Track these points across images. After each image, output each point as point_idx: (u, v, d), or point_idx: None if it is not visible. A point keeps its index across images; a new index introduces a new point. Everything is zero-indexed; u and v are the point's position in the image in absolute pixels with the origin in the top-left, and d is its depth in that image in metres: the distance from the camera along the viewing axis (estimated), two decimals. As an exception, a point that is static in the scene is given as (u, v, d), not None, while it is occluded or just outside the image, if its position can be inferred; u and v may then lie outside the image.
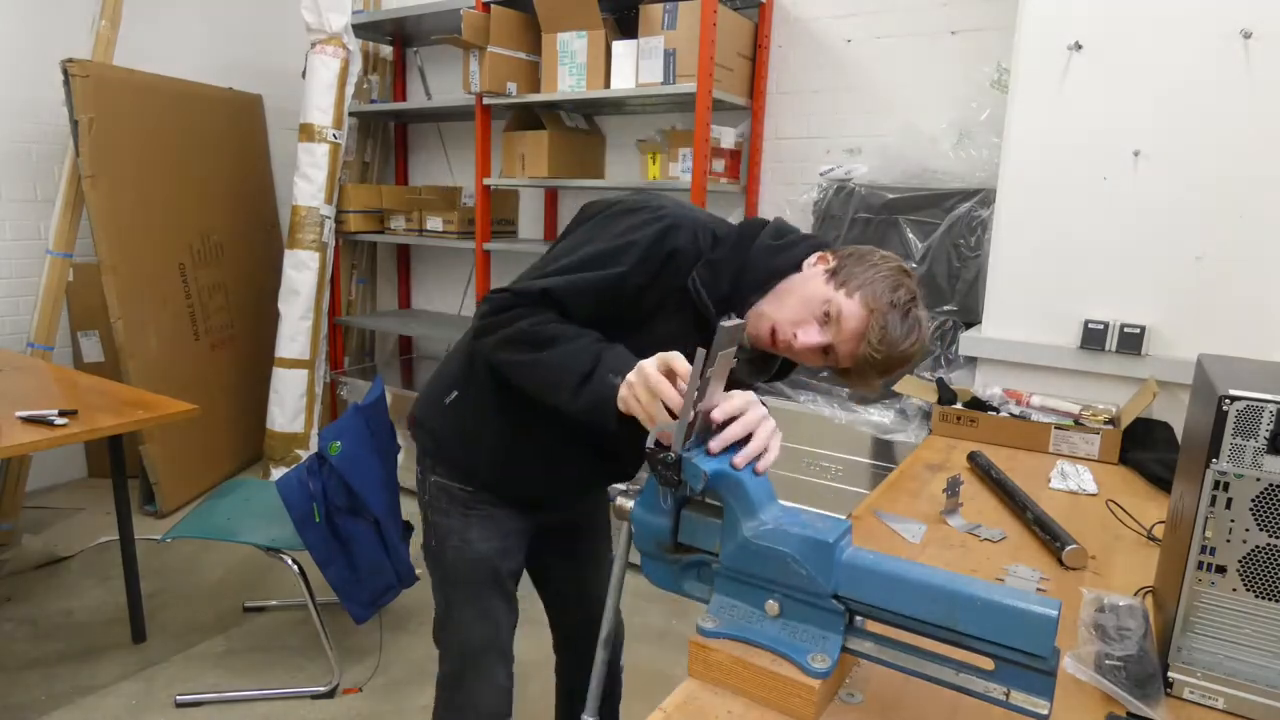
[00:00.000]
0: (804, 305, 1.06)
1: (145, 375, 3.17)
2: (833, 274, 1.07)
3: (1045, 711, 0.68)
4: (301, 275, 3.55)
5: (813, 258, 1.11)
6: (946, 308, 2.44)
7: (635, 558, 0.94)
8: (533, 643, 1.75)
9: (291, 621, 2.57)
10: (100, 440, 2.15)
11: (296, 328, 3.57)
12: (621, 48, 2.86)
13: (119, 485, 2.31)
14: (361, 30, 3.67)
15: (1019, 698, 0.70)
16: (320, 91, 3.48)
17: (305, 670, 2.32)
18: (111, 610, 2.54)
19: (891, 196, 2.51)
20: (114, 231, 3.12)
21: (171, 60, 3.57)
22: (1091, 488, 1.51)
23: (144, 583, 2.45)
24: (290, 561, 2.19)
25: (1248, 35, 1.70)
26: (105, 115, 3.07)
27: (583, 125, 3.37)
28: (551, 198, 3.69)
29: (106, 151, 3.08)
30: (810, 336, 1.06)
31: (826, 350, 1.07)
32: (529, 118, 3.24)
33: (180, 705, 2.13)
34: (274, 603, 2.66)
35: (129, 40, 3.30)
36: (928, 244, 2.45)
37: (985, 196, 2.33)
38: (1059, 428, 1.72)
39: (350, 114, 3.66)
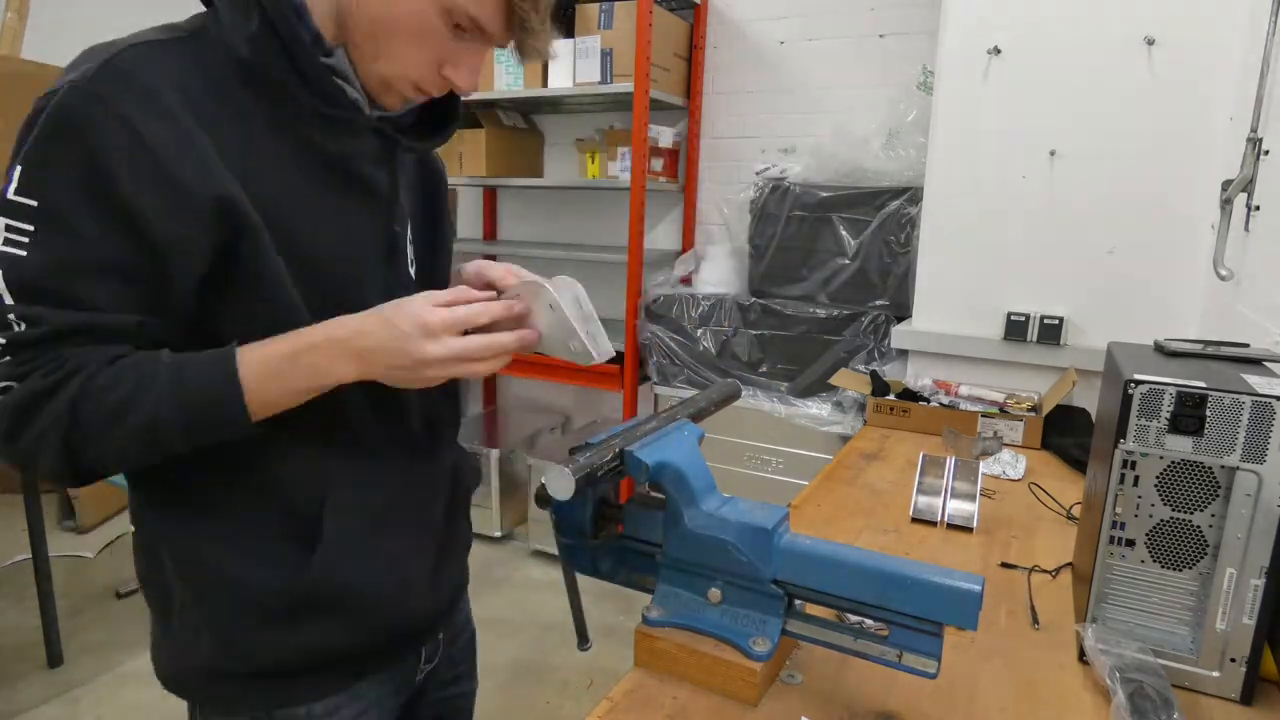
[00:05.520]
0: (419, 37, 0.73)
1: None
2: None
3: (933, 671, 0.74)
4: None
5: None
6: (879, 302, 2.51)
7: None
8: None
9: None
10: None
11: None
12: (558, 47, 2.86)
13: (30, 501, 2.21)
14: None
15: (911, 659, 0.75)
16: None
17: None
18: (27, 633, 2.42)
19: (825, 195, 2.57)
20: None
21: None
22: (1015, 473, 1.58)
23: (65, 601, 2.34)
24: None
25: (1150, 42, 1.81)
26: (16, 116, 2.91)
27: (521, 124, 3.35)
28: (490, 197, 3.66)
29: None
30: (465, 69, 0.76)
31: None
32: (466, 116, 3.21)
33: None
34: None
35: (43, 33, 3.14)
36: (860, 240, 2.52)
37: (914, 194, 2.41)
38: (985, 415, 1.80)
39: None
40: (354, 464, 0.81)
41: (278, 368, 0.70)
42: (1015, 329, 2.01)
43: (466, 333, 0.73)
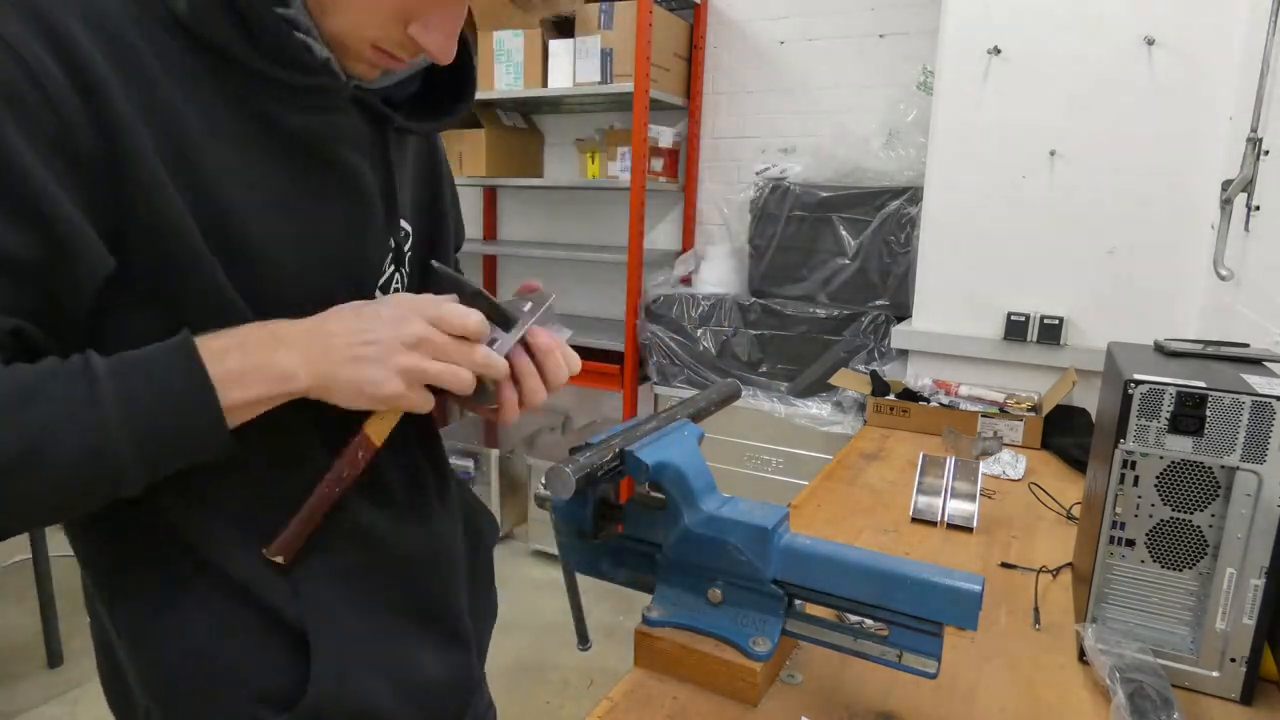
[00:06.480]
0: None
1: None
2: None
3: (933, 671, 0.74)
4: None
5: None
6: (879, 302, 2.51)
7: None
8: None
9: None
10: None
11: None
12: (558, 47, 2.86)
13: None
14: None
15: (911, 659, 0.75)
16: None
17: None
18: (27, 633, 2.42)
19: (825, 195, 2.57)
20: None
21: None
22: (1015, 473, 1.58)
23: (65, 601, 2.34)
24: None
25: (1150, 42, 1.81)
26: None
27: (521, 124, 3.35)
28: (490, 197, 3.66)
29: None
30: (436, 28, 0.60)
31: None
32: (466, 116, 3.21)
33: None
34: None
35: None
36: (860, 240, 2.52)
37: (914, 194, 2.41)
38: (985, 415, 1.80)
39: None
40: (322, 542, 0.65)
41: (231, 357, 0.55)
42: (1015, 329, 2.01)
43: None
